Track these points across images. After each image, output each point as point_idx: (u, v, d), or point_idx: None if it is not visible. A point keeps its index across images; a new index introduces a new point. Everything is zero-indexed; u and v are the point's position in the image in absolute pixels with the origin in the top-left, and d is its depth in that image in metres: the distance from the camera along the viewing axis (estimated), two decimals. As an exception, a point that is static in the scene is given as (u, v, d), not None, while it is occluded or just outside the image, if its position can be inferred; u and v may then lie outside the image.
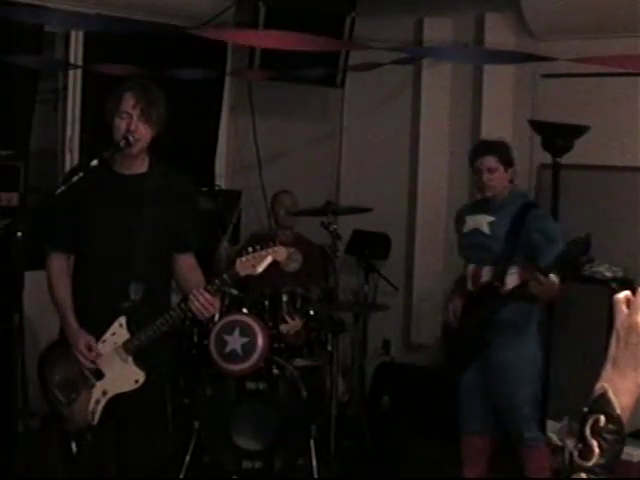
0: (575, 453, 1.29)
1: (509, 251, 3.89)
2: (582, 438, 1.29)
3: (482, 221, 4.03)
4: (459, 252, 4.24)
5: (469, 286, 4.05)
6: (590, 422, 1.28)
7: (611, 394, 1.29)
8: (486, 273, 3.96)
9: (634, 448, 4.19)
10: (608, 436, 1.27)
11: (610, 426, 1.28)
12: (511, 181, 4.02)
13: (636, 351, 1.31)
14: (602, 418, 1.28)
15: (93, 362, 3.32)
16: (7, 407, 3.35)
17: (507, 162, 3.98)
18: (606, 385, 1.31)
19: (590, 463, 1.27)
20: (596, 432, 1.28)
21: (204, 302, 3.25)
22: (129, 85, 3.33)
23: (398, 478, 4.81)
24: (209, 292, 3.26)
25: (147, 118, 3.26)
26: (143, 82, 3.40)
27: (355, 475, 4.78)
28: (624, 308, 1.34)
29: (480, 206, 4.08)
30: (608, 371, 1.32)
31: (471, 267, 4.05)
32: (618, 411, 1.28)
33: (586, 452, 1.28)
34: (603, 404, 1.29)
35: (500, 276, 3.88)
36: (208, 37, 3.75)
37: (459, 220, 4.21)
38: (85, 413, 3.34)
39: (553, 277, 3.77)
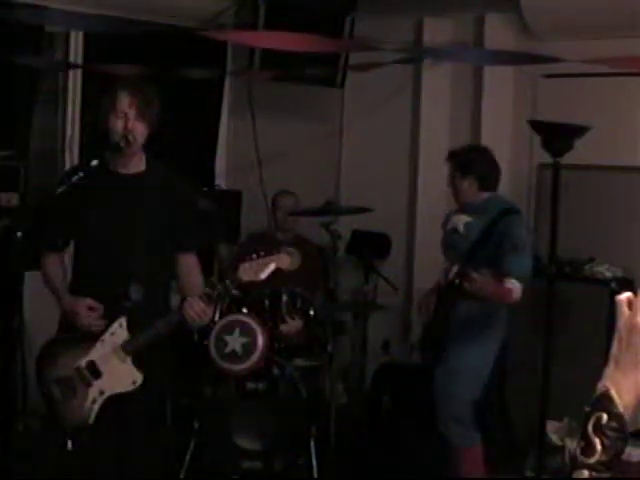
0: (577, 450, 1.31)
1: (474, 252, 3.96)
2: (584, 435, 1.31)
3: (460, 221, 4.16)
4: (441, 250, 4.35)
5: (442, 283, 4.18)
6: (593, 420, 1.30)
7: (613, 392, 1.31)
8: (453, 271, 4.03)
9: (634, 448, 4.19)
10: (610, 433, 1.29)
11: (612, 424, 1.30)
12: (484, 188, 4.07)
13: (638, 351, 1.33)
14: (604, 416, 1.30)
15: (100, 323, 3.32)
16: (7, 407, 3.36)
17: (463, 170, 4.07)
18: (608, 384, 1.33)
19: (592, 460, 1.29)
20: (598, 429, 1.30)
21: (198, 311, 3.24)
22: (123, 84, 3.33)
23: (398, 478, 4.81)
24: (203, 301, 3.26)
25: (143, 117, 3.26)
26: (136, 81, 3.40)
27: (355, 475, 4.78)
28: (626, 309, 1.36)
29: (463, 208, 4.20)
30: (610, 370, 1.34)
31: (445, 265, 4.19)
32: (620, 409, 1.30)
33: (588, 449, 1.30)
34: (605, 402, 1.31)
35: (462, 275, 3.91)
36: (215, 38, 3.73)
37: (446, 220, 4.33)
38: (81, 411, 3.33)
39: (514, 282, 3.85)
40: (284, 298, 4.70)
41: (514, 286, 3.86)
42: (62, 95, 5.48)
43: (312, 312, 4.75)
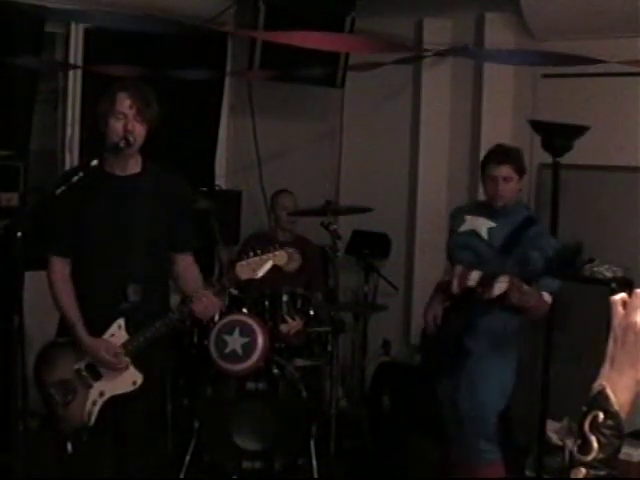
0: (575, 449, 1.33)
1: (501, 261, 3.84)
2: (581, 434, 1.33)
3: (481, 224, 4.00)
4: (448, 250, 4.22)
5: (454, 288, 3.98)
6: (589, 418, 1.32)
7: (609, 391, 1.33)
8: (473, 277, 3.90)
9: (634, 448, 4.19)
10: (607, 431, 1.31)
11: (609, 422, 1.32)
12: (520, 189, 4.01)
13: (633, 349, 1.35)
14: (600, 414, 1.32)
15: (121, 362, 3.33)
16: (7, 407, 3.35)
17: (521, 171, 3.95)
18: (604, 383, 1.35)
19: (589, 457, 1.31)
20: (595, 428, 1.32)
21: (207, 303, 3.25)
22: (122, 86, 3.33)
23: (398, 478, 4.81)
24: (213, 292, 3.26)
25: (143, 118, 3.26)
26: (135, 82, 3.40)
27: (355, 475, 4.78)
28: (621, 309, 1.38)
29: (482, 209, 4.05)
30: (606, 369, 1.36)
31: (459, 268, 3.98)
32: (616, 407, 1.32)
33: (585, 447, 1.32)
34: (601, 401, 1.33)
35: (487, 283, 3.80)
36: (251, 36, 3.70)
37: (456, 218, 4.17)
38: (81, 413, 3.33)
39: (546, 295, 3.76)
40: (284, 298, 4.71)
41: (549, 299, 3.78)
42: (62, 95, 5.48)
43: (312, 312, 4.76)
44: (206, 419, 4.36)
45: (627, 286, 4.65)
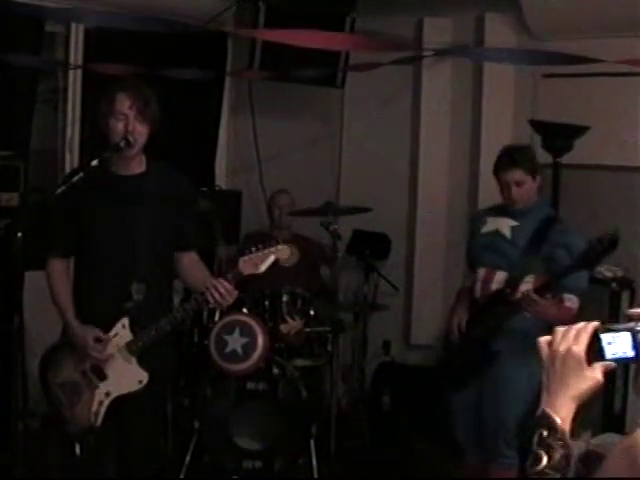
0: (527, 464, 1.51)
1: (527, 260, 3.75)
2: (531, 451, 1.51)
3: (504, 224, 3.87)
4: (469, 255, 4.11)
5: (477, 292, 3.89)
6: (536, 437, 1.51)
7: (550, 412, 1.53)
8: (498, 278, 3.81)
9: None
10: (553, 443, 1.50)
11: (553, 435, 1.50)
12: (540, 188, 3.88)
13: (562, 373, 1.56)
14: (544, 432, 1.51)
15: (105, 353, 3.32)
16: (7, 407, 3.35)
17: (534, 172, 3.80)
18: (544, 406, 1.55)
19: (539, 467, 1.49)
20: (542, 443, 1.50)
21: (223, 292, 3.24)
22: (121, 86, 3.32)
23: (398, 478, 4.81)
24: (228, 281, 3.25)
25: (143, 117, 3.26)
26: (134, 82, 3.40)
27: (355, 475, 4.78)
28: (546, 347, 1.62)
29: (503, 210, 3.92)
30: (544, 396, 1.57)
31: (482, 271, 3.88)
32: (558, 422, 1.51)
33: (535, 460, 1.50)
34: (544, 420, 1.53)
35: (514, 284, 3.72)
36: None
37: (478, 220, 4.04)
38: (88, 415, 3.33)
39: (572, 297, 3.68)
40: (284, 298, 4.71)
41: (573, 304, 3.68)
42: (62, 95, 5.47)
43: (312, 312, 4.76)
44: (206, 419, 4.36)
45: (627, 286, 4.65)
